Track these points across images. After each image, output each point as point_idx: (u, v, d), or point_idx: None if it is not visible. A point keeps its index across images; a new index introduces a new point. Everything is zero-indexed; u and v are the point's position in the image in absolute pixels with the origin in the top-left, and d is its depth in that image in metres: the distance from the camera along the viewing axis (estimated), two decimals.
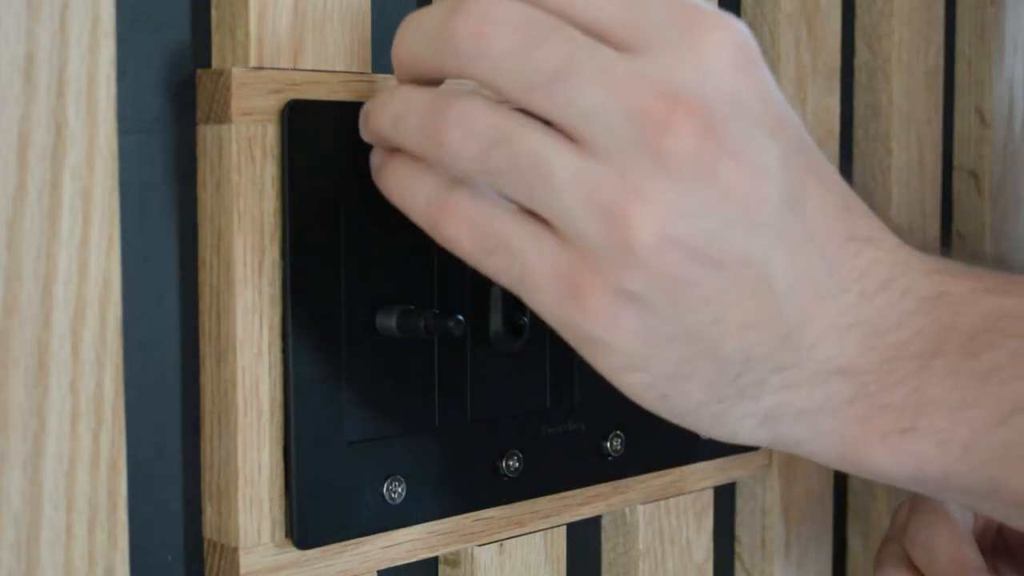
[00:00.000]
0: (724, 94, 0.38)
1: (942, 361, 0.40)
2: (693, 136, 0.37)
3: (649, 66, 0.37)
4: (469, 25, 0.38)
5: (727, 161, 0.37)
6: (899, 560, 0.58)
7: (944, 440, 0.40)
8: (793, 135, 0.40)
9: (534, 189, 0.38)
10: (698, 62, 0.38)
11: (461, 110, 0.38)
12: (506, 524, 0.52)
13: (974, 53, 0.81)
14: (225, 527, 0.45)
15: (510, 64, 0.38)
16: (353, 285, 0.46)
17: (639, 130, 0.37)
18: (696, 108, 0.37)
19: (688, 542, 0.61)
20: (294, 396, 0.45)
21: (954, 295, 0.41)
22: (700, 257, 0.37)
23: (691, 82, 0.37)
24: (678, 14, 0.38)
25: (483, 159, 0.38)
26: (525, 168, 0.38)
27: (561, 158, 0.38)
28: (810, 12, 0.66)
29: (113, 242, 0.40)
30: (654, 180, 0.37)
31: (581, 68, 0.37)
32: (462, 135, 0.38)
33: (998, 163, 0.81)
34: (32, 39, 0.38)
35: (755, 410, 0.40)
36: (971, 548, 0.55)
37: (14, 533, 0.39)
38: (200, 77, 0.44)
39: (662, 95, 0.37)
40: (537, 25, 0.38)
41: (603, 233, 0.37)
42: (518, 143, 0.38)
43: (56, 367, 0.39)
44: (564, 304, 0.38)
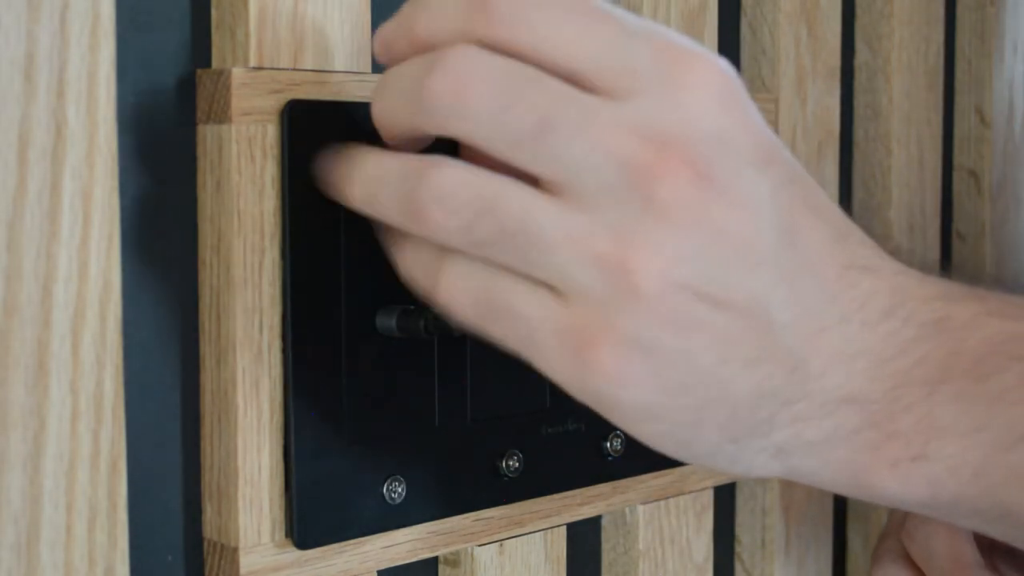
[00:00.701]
0: (710, 134, 0.37)
1: (949, 386, 0.40)
2: (683, 181, 0.36)
3: (632, 111, 0.37)
4: (446, 83, 0.37)
5: (718, 202, 0.37)
6: (897, 556, 0.58)
7: (954, 466, 0.40)
8: (782, 167, 0.39)
9: (527, 253, 0.37)
10: (681, 104, 0.37)
11: (438, 185, 0.37)
12: (506, 524, 0.52)
13: (974, 53, 0.81)
14: (225, 527, 0.45)
15: (490, 121, 0.37)
16: (353, 285, 0.46)
17: (628, 179, 0.36)
18: (683, 151, 0.37)
19: (688, 542, 0.61)
20: (294, 396, 0.45)
21: (958, 320, 0.41)
22: (704, 299, 0.37)
23: (676, 125, 0.37)
24: (659, 56, 0.37)
25: (469, 232, 0.38)
26: (514, 234, 0.37)
27: (549, 217, 0.37)
28: (810, 12, 0.66)
29: (113, 242, 0.40)
30: (649, 227, 0.37)
31: (563, 120, 0.36)
32: (443, 212, 0.37)
33: (998, 163, 0.81)
34: (32, 39, 0.38)
35: (768, 445, 0.41)
36: (969, 544, 0.55)
37: (14, 533, 0.39)
38: (200, 77, 0.44)
39: (648, 141, 0.36)
40: (516, 79, 0.37)
41: (606, 284, 0.37)
42: (503, 210, 0.37)
43: (56, 367, 0.39)
44: (574, 363, 0.38)
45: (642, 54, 0.37)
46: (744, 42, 0.66)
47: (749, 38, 0.65)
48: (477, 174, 0.38)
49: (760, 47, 0.65)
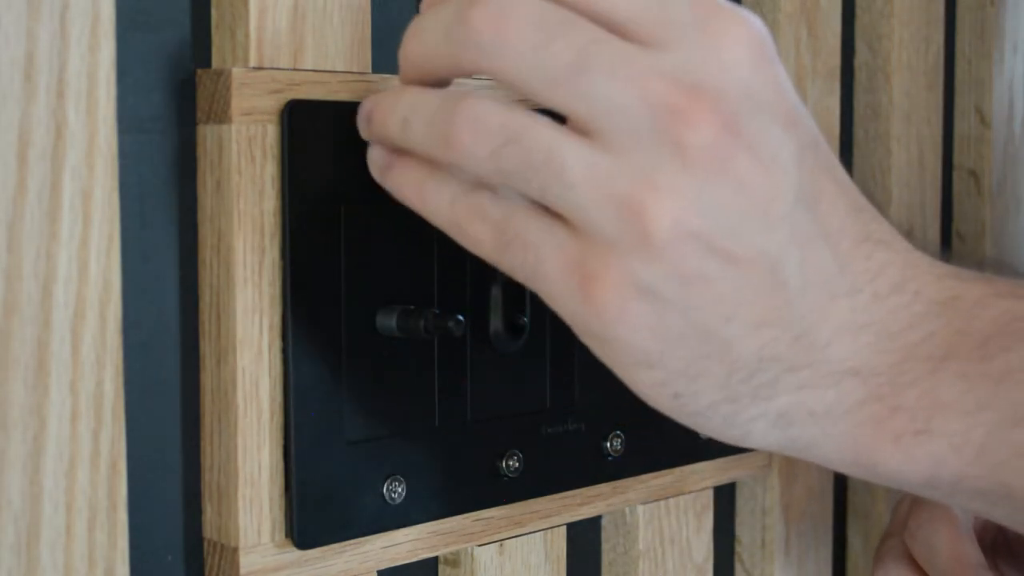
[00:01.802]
0: (741, 88, 0.38)
1: (955, 364, 0.40)
2: (712, 129, 0.37)
3: (668, 60, 0.37)
4: (487, 19, 0.38)
5: (744, 154, 0.37)
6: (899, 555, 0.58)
7: (958, 443, 0.40)
8: (807, 131, 0.40)
9: (548, 186, 0.38)
10: (716, 57, 0.38)
11: (471, 110, 0.38)
12: (506, 524, 0.52)
13: (974, 53, 0.81)
14: (225, 527, 0.45)
15: (528, 59, 0.38)
16: (353, 285, 0.46)
17: (658, 122, 0.37)
18: (715, 101, 0.37)
19: (688, 542, 0.61)
20: (294, 396, 0.45)
21: (966, 299, 0.41)
22: (715, 251, 0.37)
23: (709, 76, 0.37)
24: (697, 9, 0.38)
25: (495, 159, 0.38)
26: (538, 165, 0.38)
27: (574, 153, 0.37)
28: (810, 12, 0.66)
29: (113, 242, 0.40)
30: (671, 172, 0.37)
31: (599, 62, 0.37)
32: (473, 136, 0.38)
33: (998, 163, 0.81)
34: (32, 39, 0.38)
35: (767, 411, 0.40)
36: (971, 544, 0.55)
37: (14, 533, 0.39)
38: (200, 77, 0.44)
39: (681, 88, 0.37)
40: (555, 19, 0.38)
41: (618, 225, 0.37)
42: (529, 140, 0.38)
43: (56, 367, 0.39)
44: (575, 297, 0.38)
45: (681, 8, 0.38)
46: None
47: None
48: (509, 106, 0.38)
49: None
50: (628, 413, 0.55)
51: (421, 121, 0.40)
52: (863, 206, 0.41)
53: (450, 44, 0.39)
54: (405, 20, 0.51)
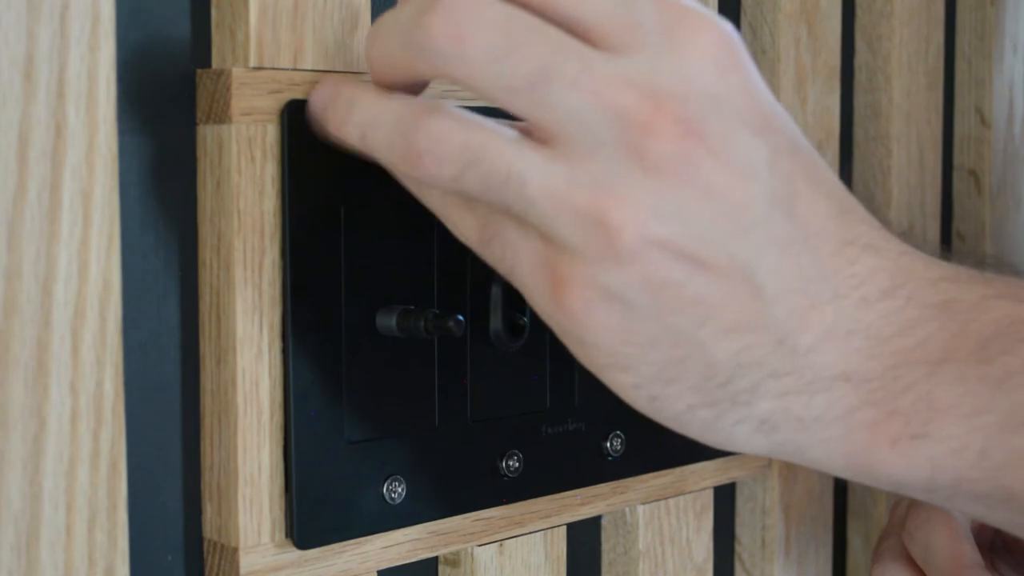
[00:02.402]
0: (706, 93, 0.37)
1: (952, 367, 0.39)
2: (674, 136, 0.37)
3: (631, 66, 0.37)
4: (446, 26, 0.37)
5: (709, 161, 0.37)
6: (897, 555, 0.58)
7: (957, 448, 0.39)
8: (782, 135, 0.39)
9: (511, 204, 0.38)
10: (681, 63, 0.37)
11: (429, 132, 0.38)
12: (506, 524, 0.52)
13: (974, 53, 0.81)
14: (225, 527, 0.45)
15: (488, 67, 0.37)
16: (353, 285, 0.46)
17: (620, 131, 0.36)
18: (677, 108, 0.37)
19: (688, 542, 0.61)
20: (294, 396, 0.45)
21: (964, 302, 0.40)
22: (683, 257, 0.37)
23: (673, 82, 0.37)
24: (663, 13, 0.38)
25: (457, 181, 0.38)
26: (499, 185, 0.38)
27: (534, 168, 0.37)
28: (810, 12, 0.66)
29: (113, 242, 0.40)
30: (633, 181, 0.37)
31: (561, 70, 0.37)
32: (433, 160, 0.38)
33: (998, 163, 0.82)
34: (32, 39, 0.38)
35: (749, 416, 0.40)
36: (969, 544, 0.55)
37: (14, 533, 0.39)
38: (200, 77, 0.44)
39: (644, 96, 0.37)
40: (517, 25, 0.37)
41: (582, 236, 0.37)
42: (489, 161, 0.37)
43: (56, 367, 0.39)
44: (547, 297, 0.38)
45: (646, 11, 0.38)
46: (744, 42, 0.66)
47: (749, 38, 0.65)
48: (467, 124, 0.38)
49: (760, 47, 0.65)
50: (628, 413, 0.55)
51: (381, 136, 0.39)
52: (849, 208, 0.41)
53: (409, 52, 0.38)
54: None
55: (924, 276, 0.41)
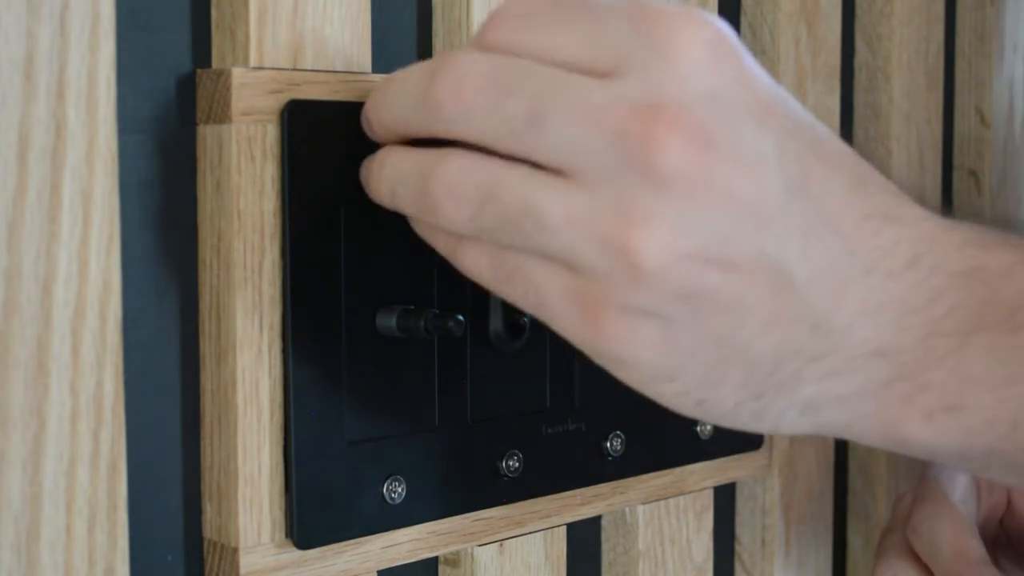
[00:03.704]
0: (703, 94, 0.37)
1: (983, 337, 0.39)
2: (680, 147, 0.36)
3: (623, 87, 0.37)
4: (447, 90, 0.38)
5: (720, 163, 0.37)
6: (901, 550, 0.58)
7: (991, 418, 0.39)
8: (787, 118, 0.39)
9: (531, 237, 0.38)
10: (670, 70, 0.37)
11: (444, 177, 0.39)
12: (506, 524, 0.52)
13: (974, 53, 0.81)
14: (225, 527, 0.45)
15: (488, 118, 0.38)
16: (353, 285, 0.46)
17: (624, 153, 0.36)
18: (677, 117, 0.36)
19: (688, 542, 0.61)
20: (294, 396, 0.45)
21: (991, 269, 0.40)
22: (713, 263, 0.37)
23: (667, 92, 0.37)
24: (640, 24, 0.37)
25: (476, 221, 0.39)
26: (518, 219, 0.38)
27: (550, 200, 0.37)
28: (810, 12, 0.66)
29: (113, 242, 0.40)
30: (649, 200, 0.36)
31: (555, 106, 0.37)
32: (451, 204, 0.39)
33: (998, 163, 0.82)
34: (32, 39, 0.38)
35: (794, 402, 0.40)
36: (974, 539, 0.55)
37: (14, 533, 0.39)
38: (200, 77, 0.44)
39: (640, 112, 0.36)
40: (507, 73, 0.38)
41: (608, 262, 0.37)
42: (505, 196, 0.38)
43: (56, 367, 0.39)
44: (584, 326, 0.38)
45: (623, 28, 0.37)
46: (744, 42, 0.66)
47: (749, 38, 0.65)
48: (480, 163, 0.38)
49: (760, 47, 0.65)
50: (628, 413, 0.55)
51: (405, 191, 0.41)
52: (865, 179, 0.40)
53: (419, 115, 0.40)
54: (405, 20, 0.51)
55: (948, 242, 0.40)
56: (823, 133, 0.40)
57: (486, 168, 0.38)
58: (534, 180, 0.38)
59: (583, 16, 0.38)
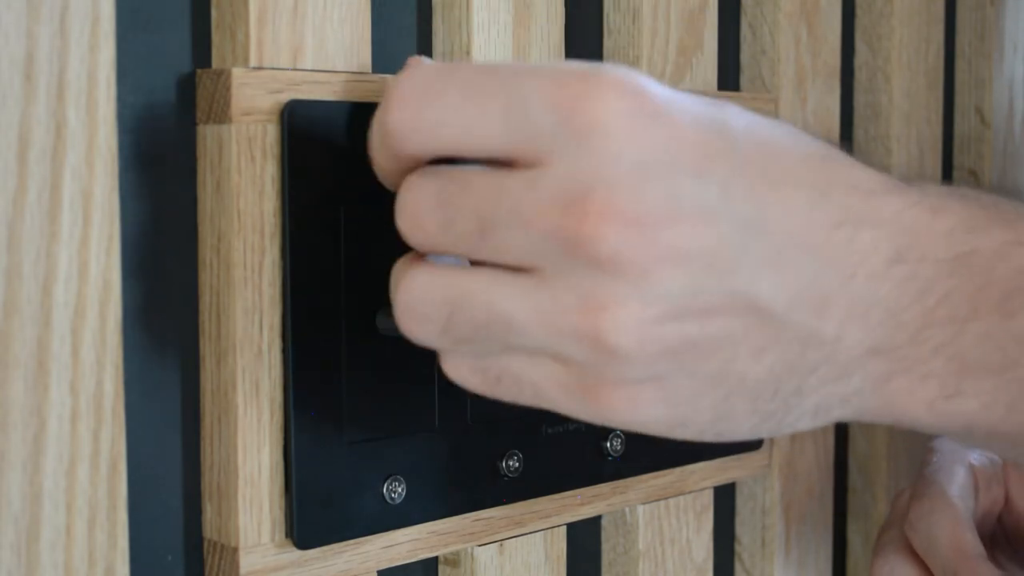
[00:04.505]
0: (631, 170, 0.36)
1: (978, 324, 0.40)
2: (615, 234, 0.36)
3: (550, 180, 0.37)
4: (406, 223, 0.39)
5: (662, 231, 0.36)
6: (899, 546, 0.58)
7: (988, 402, 0.40)
8: (729, 155, 0.38)
9: (506, 339, 0.39)
10: (592, 153, 0.36)
11: (406, 297, 0.39)
12: (506, 524, 0.52)
13: (974, 53, 0.81)
14: (225, 527, 0.45)
15: (444, 237, 0.39)
16: (353, 285, 0.46)
17: (567, 250, 0.36)
18: (606, 205, 0.36)
19: (688, 542, 0.61)
20: (294, 396, 0.45)
21: (983, 252, 0.40)
22: (685, 317, 0.37)
23: (594, 179, 0.36)
24: (554, 105, 0.36)
25: (447, 335, 0.39)
26: (486, 326, 0.38)
27: (515, 302, 0.38)
28: (810, 12, 0.66)
29: (113, 242, 0.40)
30: (605, 286, 0.37)
31: (497, 216, 0.37)
32: (419, 324, 0.39)
33: (998, 163, 0.82)
34: (32, 39, 0.38)
35: (804, 411, 0.41)
36: (972, 534, 0.55)
37: (14, 533, 0.39)
38: (200, 77, 0.44)
39: (570, 208, 0.36)
40: (447, 193, 0.38)
41: (585, 353, 0.37)
42: (470, 306, 0.38)
43: (56, 367, 0.39)
44: (587, 407, 0.39)
45: (537, 112, 0.37)
46: (744, 42, 0.66)
47: (749, 38, 0.65)
48: (440, 277, 0.39)
49: (760, 47, 0.65)
50: None
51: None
52: (829, 184, 0.39)
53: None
54: (405, 20, 0.51)
55: (933, 230, 0.40)
56: (770, 143, 0.39)
57: (447, 278, 0.39)
58: (498, 282, 0.38)
59: (495, 96, 0.37)
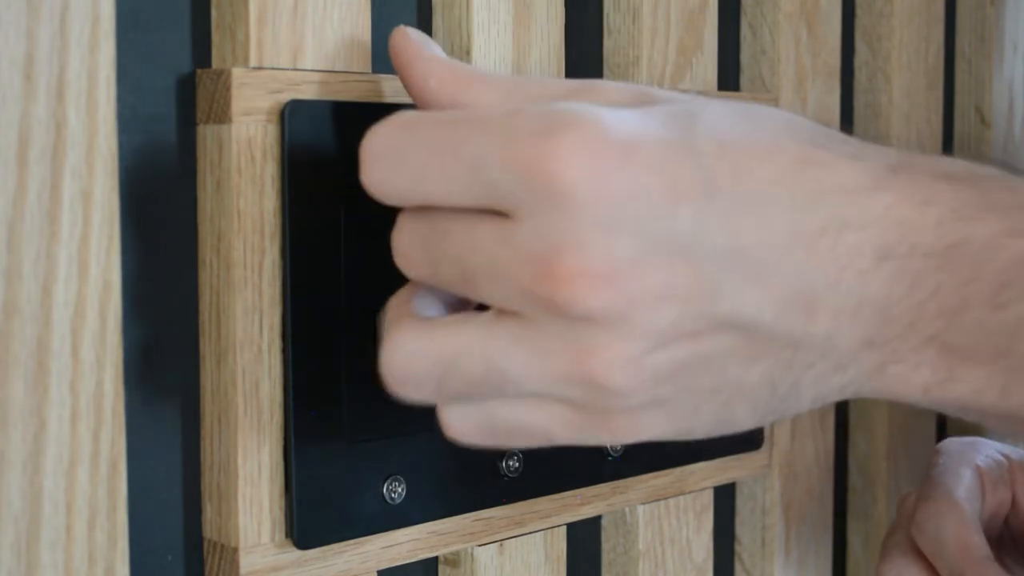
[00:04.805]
0: (597, 224, 0.36)
1: (969, 316, 0.40)
2: (586, 290, 0.36)
3: (520, 235, 0.37)
4: (400, 261, 0.40)
5: (636, 279, 0.36)
6: (905, 548, 0.58)
7: (981, 388, 0.40)
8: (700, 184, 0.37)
9: (503, 390, 0.39)
10: (556, 212, 0.36)
11: (394, 368, 0.40)
12: (506, 524, 0.52)
13: (974, 53, 0.81)
14: (225, 527, 0.45)
15: (434, 281, 0.40)
16: (353, 285, 0.46)
17: (543, 307, 0.37)
18: (576, 261, 0.36)
19: (688, 542, 0.61)
20: (294, 396, 0.45)
21: (974, 242, 0.39)
22: (674, 342, 0.38)
23: (557, 236, 0.36)
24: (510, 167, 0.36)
25: (442, 392, 0.40)
26: (483, 381, 0.39)
27: (507, 353, 0.38)
28: (810, 12, 0.66)
29: (113, 242, 0.40)
30: (588, 336, 0.37)
31: (476, 268, 0.38)
32: (411, 390, 0.40)
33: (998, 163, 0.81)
34: (32, 39, 0.38)
35: (803, 403, 0.42)
36: (979, 536, 0.55)
37: (14, 533, 0.39)
38: (200, 77, 0.44)
39: (541, 268, 0.36)
40: (430, 243, 0.39)
41: (583, 394, 0.38)
42: (462, 365, 0.39)
43: (56, 367, 0.39)
44: (596, 437, 0.40)
45: (496, 176, 0.37)
46: (744, 42, 0.66)
47: (749, 38, 0.65)
48: (427, 340, 0.39)
49: (760, 47, 0.65)
50: None
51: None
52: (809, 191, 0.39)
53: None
54: (405, 20, 0.51)
55: (922, 223, 0.39)
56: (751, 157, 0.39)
57: (435, 343, 0.39)
58: (488, 333, 0.38)
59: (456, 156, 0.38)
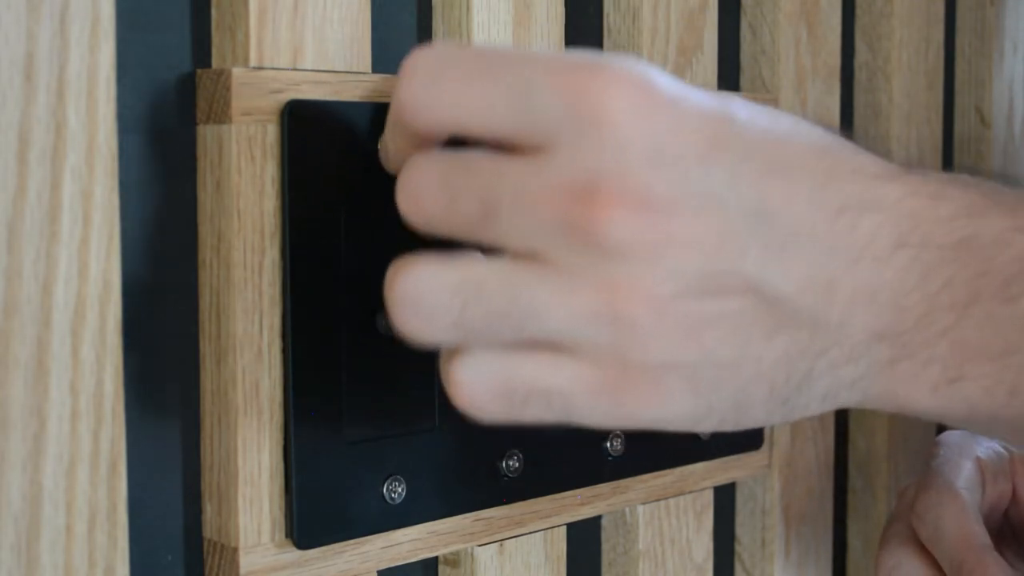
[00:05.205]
0: (638, 157, 0.37)
1: (980, 309, 0.40)
2: (623, 220, 0.36)
3: (558, 167, 0.37)
4: (408, 205, 0.39)
5: (670, 218, 0.37)
6: (905, 538, 0.58)
7: (990, 386, 0.40)
8: (735, 142, 0.38)
9: (523, 325, 0.38)
10: (600, 141, 0.37)
11: (410, 288, 0.38)
12: (506, 524, 0.52)
13: (974, 53, 0.81)
14: (225, 527, 0.45)
15: (447, 218, 0.39)
16: (353, 285, 0.46)
17: (576, 237, 0.37)
18: (613, 191, 0.36)
19: (688, 542, 0.61)
20: (294, 396, 0.45)
21: (983, 237, 0.40)
22: (701, 294, 0.38)
23: (601, 161, 0.37)
24: (563, 91, 0.37)
25: (461, 326, 0.38)
26: (506, 314, 0.38)
27: (531, 287, 0.38)
28: (810, 12, 0.66)
29: (113, 242, 0.40)
30: (618, 270, 0.37)
31: (501, 200, 0.37)
32: (424, 319, 0.38)
33: (998, 163, 0.82)
34: (32, 39, 0.38)
35: (814, 396, 0.41)
36: (979, 525, 0.55)
37: (14, 533, 0.39)
38: (200, 77, 0.44)
39: (578, 193, 0.36)
40: (452, 173, 0.38)
41: (608, 333, 0.37)
42: (487, 295, 0.38)
43: (56, 367, 0.39)
44: (616, 410, 0.39)
45: (544, 99, 0.37)
46: (744, 42, 0.66)
47: (749, 38, 0.65)
48: (450, 266, 0.38)
49: (760, 47, 0.65)
50: None
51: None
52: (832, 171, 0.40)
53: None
54: (405, 20, 0.51)
55: (935, 216, 0.40)
56: (776, 138, 0.40)
57: (460, 270, 0.38)
58: (514, 269, 0.38)
59: (503, 79, 0.38)
